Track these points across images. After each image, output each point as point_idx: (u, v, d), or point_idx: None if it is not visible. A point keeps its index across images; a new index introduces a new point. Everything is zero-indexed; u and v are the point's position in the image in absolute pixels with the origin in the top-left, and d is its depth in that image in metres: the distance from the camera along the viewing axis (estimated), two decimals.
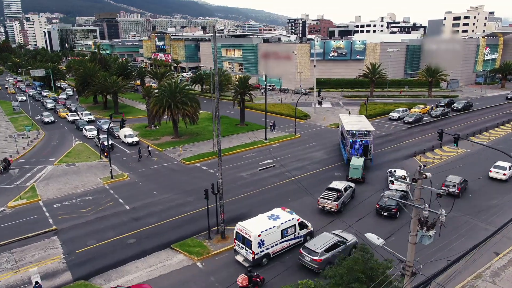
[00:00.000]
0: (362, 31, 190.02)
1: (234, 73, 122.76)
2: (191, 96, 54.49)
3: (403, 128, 59.49)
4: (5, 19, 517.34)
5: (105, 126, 61.45)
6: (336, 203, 30.96)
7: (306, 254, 23.61)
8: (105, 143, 49.82)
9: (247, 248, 24.22)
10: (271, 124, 59.23)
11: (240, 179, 39.64)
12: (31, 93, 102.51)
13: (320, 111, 73.23)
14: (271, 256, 25.04)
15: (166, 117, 53.40)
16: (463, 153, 46.93)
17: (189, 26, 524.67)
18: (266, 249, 24.53)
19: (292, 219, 26.13)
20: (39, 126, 65.32)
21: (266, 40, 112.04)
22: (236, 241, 25.19)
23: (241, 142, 53.01)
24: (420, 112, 68.13)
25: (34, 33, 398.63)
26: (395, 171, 37.50)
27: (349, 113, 62.01)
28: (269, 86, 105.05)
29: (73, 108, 76.86)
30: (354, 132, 41.42)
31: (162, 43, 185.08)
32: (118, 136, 55.64)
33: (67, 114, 70.96)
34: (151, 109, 53.62)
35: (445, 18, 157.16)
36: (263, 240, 24.17)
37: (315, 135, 57.09)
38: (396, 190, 33.08)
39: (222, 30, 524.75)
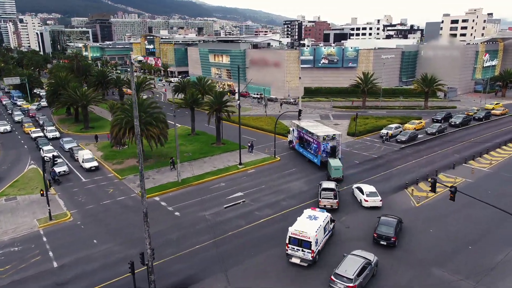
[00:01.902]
0: (357, 34, 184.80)
1: (222, 79, 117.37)
2: (156, 115, 48.71)
3: (395, 149, 53.76)
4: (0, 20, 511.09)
5: (67, 146, 55.84)
6: (337, 200, 35.21)
7: (340, 282, 23.55)
8: (57, 170, 44.40)
9: (304, 249, 26.31)
10: (249, 144, 53.55)
11: (200, 221, 33.88)
12: (4, 102, 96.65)
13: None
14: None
15: (127, 139, 47.66)
16: (462, 182, 41.21)
17: (187, 27, 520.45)
18: (318, 246, 27.18)
19: (327, 216, 29.57)
20: None
21: (255, 46, 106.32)
22: (289, 245, 26.87)
23: (213, 167, 47.27)
24: (414, 128, 62.49)
25: (28, 34, 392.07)
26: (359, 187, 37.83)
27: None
28: (257, 94, 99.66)
29: (41, 122, 70.92)
30: (325, 137, 45.76)
31: (152, 46, 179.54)
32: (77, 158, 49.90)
33: (30, 130, 64.95)
34: (110, 130, 47.85)
35: (442, 21, 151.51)
36: (317, 239, 26.77)
37: (296, 157, 51.35)
38: (390, 216, 31.66)
39: (218, 31, 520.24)
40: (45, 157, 49.77)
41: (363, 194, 36.16)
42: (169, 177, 43.87)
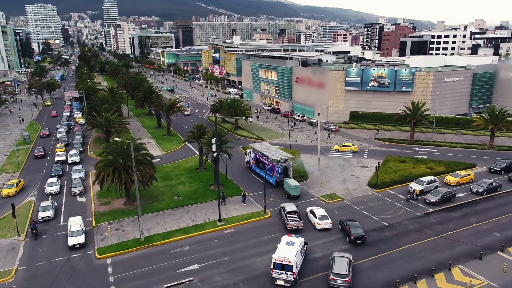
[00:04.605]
0: (438, 43, 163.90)
1: (270, 96, 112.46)
2: (141, 158, 46.03)
3: (417, 214, 43.55)
4: (104, 24, 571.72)
5: (75, 176, 56.49)
6: (302, 222, 40.40)
7: (338, 278, 30.53)
8: (40, 214, 43.67)
9: (287, 272, 30.96)
10: (242, 193, 48.13)
11: None
12: (64, 114, 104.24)
13: (328, 166, 59.44)
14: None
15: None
16: (481, 287, 30.84)
17: (269, 30, 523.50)
18: (298, 268, 31.98)
19: (302, 241, 34.37)
20: (24, 164, 62.93)
21: (304, 63, 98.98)
22: (274, 270, 31.36)
23: (191, 221, 42.96)
24: (457, 182, 50.67)
25: (124, 38, 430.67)
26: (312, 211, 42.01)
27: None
28: (299, 116, 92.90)
29: (74, 142, 73.74)
30: (279, 159, 50.45)
31: (217, 55, 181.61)
32: None
33: (57, 152, 67.59)
34: (96, 174, 46.25)
35: None
36: (297, 262, 31.46)
37: None
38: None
39: (300, 32, 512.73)
40: (47, 193, 50.94)
41: (316, 217, 40.71)
42: (136, 232, 40.54)
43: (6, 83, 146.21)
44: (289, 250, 32.17)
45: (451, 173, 53.58)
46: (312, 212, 41.85)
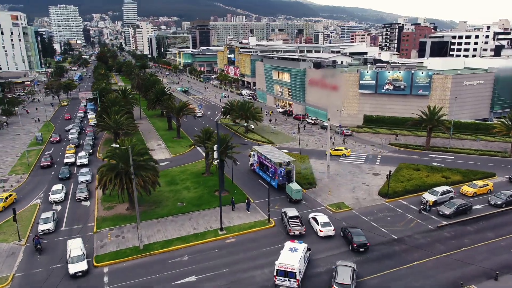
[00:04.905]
0: (459, 43, 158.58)
1: (284, 98, 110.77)
2: (143, 163, 45.29)
3: (430, 227, 41.23)
4: (124, 25, 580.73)
5: (82, 178, 56.27)
6: (304, 227, 39.86)
7: None
8: (40, 227, 41.33)
9: (290, 279, 30.72)
10: (246, 201, 46.79)
11: None
12: (78, 115, 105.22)
13: (338, 173, 57.46)
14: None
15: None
16: None
17: (286, 30, 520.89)
18: (301, 275, 31.69)
19: (305, 247, 33.95)
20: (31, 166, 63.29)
21: (317, 65, 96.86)
22: (277, 277, 31.21)
23: (192, 229, 41.88)
24: (474, 193, 48.01)
25: (142, 39, 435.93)
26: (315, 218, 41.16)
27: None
28: (312, 119, 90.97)
29: (85, 143, 73.83)
30: (281, 162, 50.33)
31: (232, 55, 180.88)
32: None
33: (68, 154, 67.66)
34: (98, 179, 45.68)
35: None
36: (300, 269, 31.29)
37: None
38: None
39: (318, 32, 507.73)
40: (51, 200, 49.54)
41: (318, 224, 39.98)
42: (136, 240, 39.75)
43: (25, 83, 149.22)
44: (292, 256, 31.92)
45: (468, 183, 50.83)
46: (315, 219, 41.09)
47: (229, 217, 44.35)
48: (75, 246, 36.00)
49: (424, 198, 46.40)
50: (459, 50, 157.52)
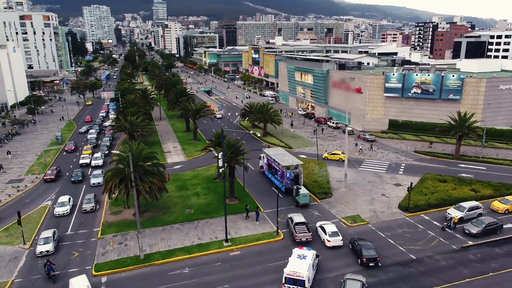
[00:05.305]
0: (498, 43, 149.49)
1: (306, 100, 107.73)
2: (149, 168, 43.99)
3: (453, 248, 37.51)
4: (154, 24, 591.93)
5: (94, 181, 55.87)
6: (311, 233, 38.77)
7: None
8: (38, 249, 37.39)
9: (299, 287, 30.07)
10: (255, 210, 44.52)
11: None
12: (100, 114, 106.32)
13: (357, 182, 54.18)
14: None
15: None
16: None
17: (315, 29, 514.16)
18: (310, 283, 30.92)
19: (314, 254, 33.06)
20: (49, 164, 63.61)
21: (341, 66, 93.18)
22: (285, 284, 30.51)
23: (197, 239, 40.14)
24: (506, 210, 43.68)
25: (171, 38, 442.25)
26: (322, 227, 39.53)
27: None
28: (334, 123, 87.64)
29: (101, 144, 73.85)
30: (288, 166, 49.42)
31: (257, 55, 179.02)
32: None
33: (84, 154, 67.80)
34: (104, 183, 44.76)
35: None
36: (309, 277, 30.46)
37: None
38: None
39: (348, 31, 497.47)
40: (56, 214, 45.81)
41: (325, 234, 38.19)
42: (136, 249, 38.34)
43: (54, 82, 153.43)
44: (301, 264, 31.23)
45: (499, 198, 46.39)
46: (322, 228, 39.34)
47: (236, 227, 42.34)
48: (80, 285, 30.80)
49: (448, 214, 42.57)
50: (497, 51, 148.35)
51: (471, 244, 37.93)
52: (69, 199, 48.47)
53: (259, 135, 67.63)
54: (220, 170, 43.06)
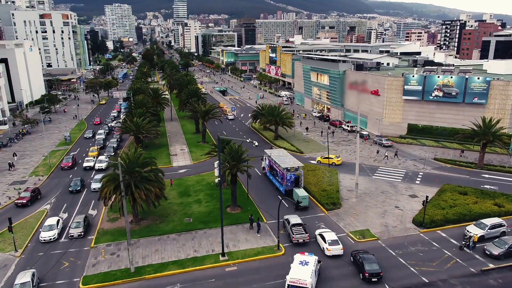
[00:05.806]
0: None
1: (322, 102, 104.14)
2: (146, 175, 41.92)
3: (472, 271, 33.82)
4: (174, 23, 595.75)
5: (94, 185, 54.04)
6: (308, 234, 38.28)
7: None
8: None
9: None
10: (257, 222, 41.82)
11: None
12: (112, 114, 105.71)
13: (369, 192, 50.70)
14: None
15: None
16: None
17: (337, 27, 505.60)
18: None
19: (316, 259, 32.34)
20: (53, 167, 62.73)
21: (359, 67, 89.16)
22: None
23: (193, 251, 37.82)
24: None
25: (190, 37, 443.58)
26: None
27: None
28: (349, 126, 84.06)
29: (108, 145, 72.28)
30: (289, 168, 48.84)
31: (274, 55, 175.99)
32: None
33: (89, 157, 66.33)
34: (100, 190, 42.96)
35: None
36: (312, 284, 29.79)
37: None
38: None
39: (371, 29, 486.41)
40: (42, 239, 40.34)
41: (325, 242, 36.70)
42: (126, 263, 36.30)
43: (71, 80, 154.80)
44: (303, 270, 30.64)
45: None
46: (322, 236, 37.79)
47: (235, 239, 39.83)
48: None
49: (468, 231, 38.74)
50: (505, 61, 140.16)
51: (492, 267, 34.12)
52: (58, 221, 42.28)
53: (256, 144, 65.90)
54: (216, 180, 40.57)
